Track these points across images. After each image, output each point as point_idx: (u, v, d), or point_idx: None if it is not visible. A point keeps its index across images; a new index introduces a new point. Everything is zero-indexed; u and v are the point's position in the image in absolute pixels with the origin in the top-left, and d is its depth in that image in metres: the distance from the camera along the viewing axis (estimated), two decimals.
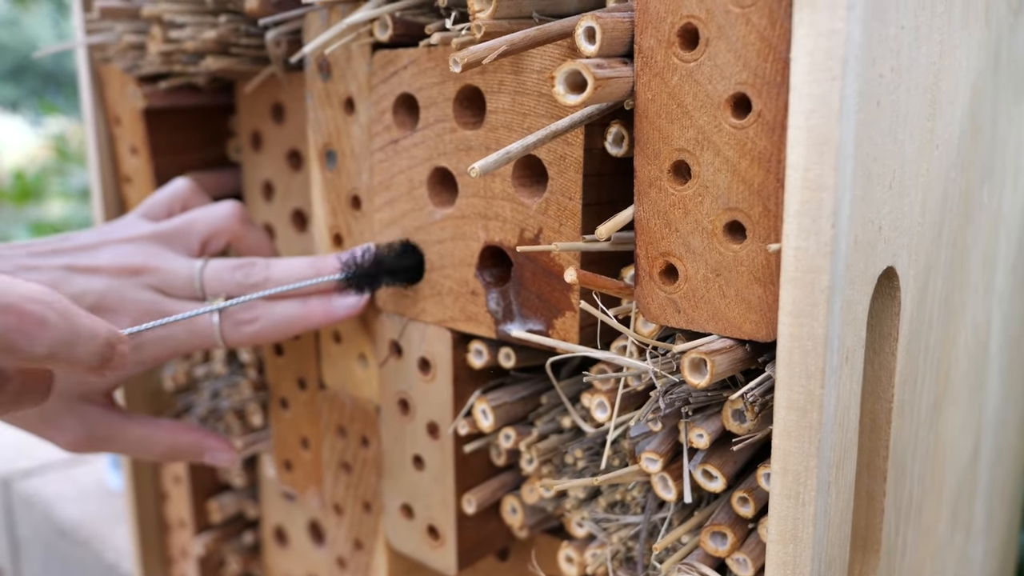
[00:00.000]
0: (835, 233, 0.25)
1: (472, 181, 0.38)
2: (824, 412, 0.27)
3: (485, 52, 0.30)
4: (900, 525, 0.36)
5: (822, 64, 0.25)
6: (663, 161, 0.30)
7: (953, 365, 0.41)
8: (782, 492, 0.28)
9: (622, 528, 0.38)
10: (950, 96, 0.34)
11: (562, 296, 0.35)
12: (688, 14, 0.28)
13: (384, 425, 0.45)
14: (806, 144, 0.25)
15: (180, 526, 0.65)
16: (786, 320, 0.27)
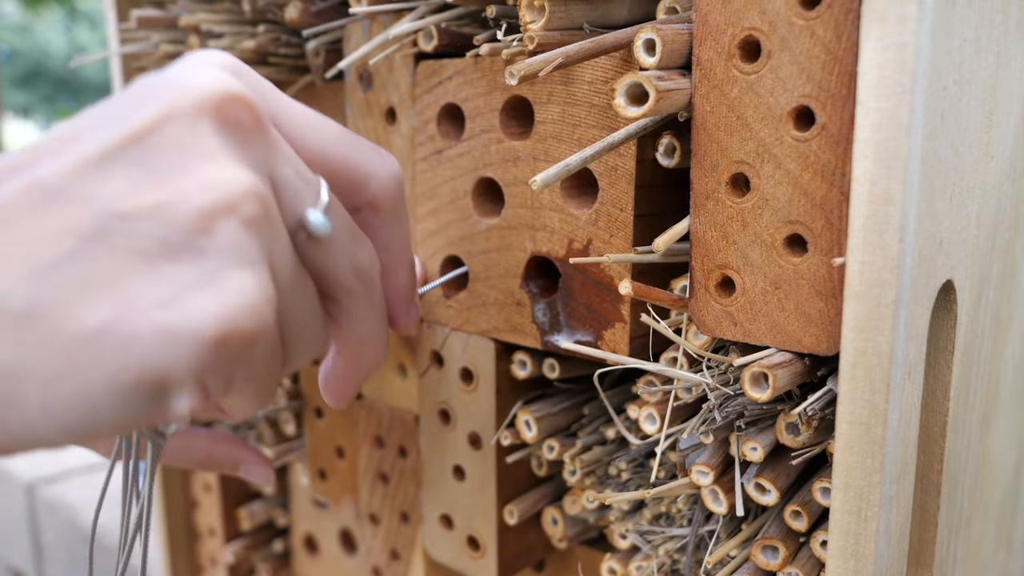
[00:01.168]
0: (902, 248, 0.25)
1: (519, 191, 0.38)
2: (888, 427, 0.27)
3: (541, 65, 0.30)
4: (951, 540, 0.36)
5: (891, 78, 0.24)
6: (721, 173, 0.30)
7: (1001, 378, 0.41)
8: (843, 507, 0.28)
9: (668, 540, 0.38)
10: (1005, 107, 0.34)
11: (612, 307, 0.35)
12: (749, 26, 0.28)
13: (424, 435, 0.45)
14: (873, 158, 0.25)
15: (210, 534, 0.65)
16: (850, 335, 0.27)
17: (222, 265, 0.22)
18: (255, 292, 0.23)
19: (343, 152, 0.29)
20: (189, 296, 0.22)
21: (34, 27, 10.07)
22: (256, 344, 0.23)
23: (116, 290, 0.21)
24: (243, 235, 0.23)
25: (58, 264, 0.20)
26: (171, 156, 0.23)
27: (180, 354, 0.21)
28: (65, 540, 0.91)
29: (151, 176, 0.22)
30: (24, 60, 10.55)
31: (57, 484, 0.96)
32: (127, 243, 0.21)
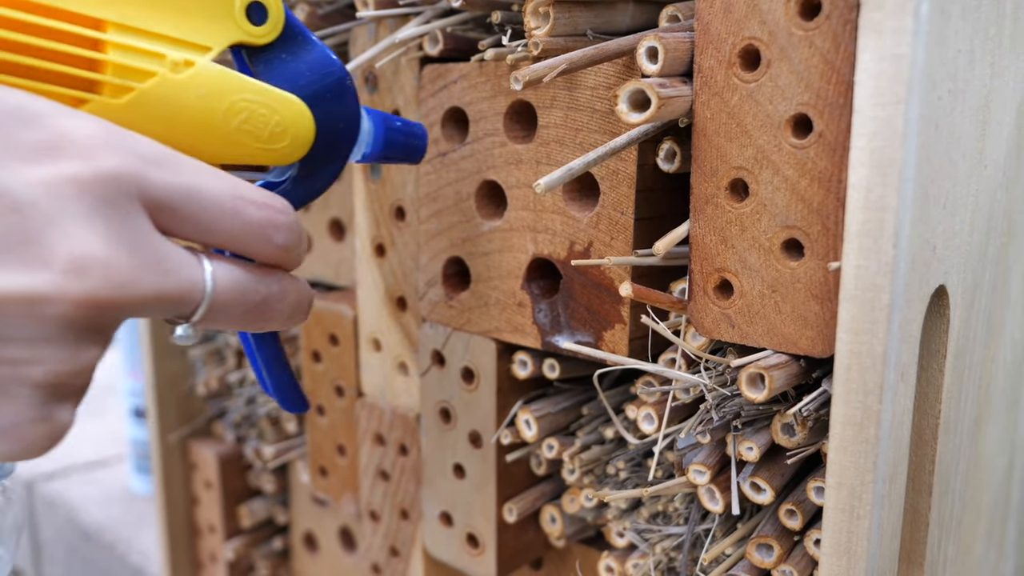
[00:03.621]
0: (896, 253, 0.26)
1: (522, 194, 0.38)
2: (881, 428, 0.27)
3: (545, 71, 0.31)
4: (942, 540, 0.37)
5: (887, 88, 0.25)
6: (720, 179, 0.30)
7: (992, 381, 0.42)
8: (837, 506, 0.29)
9: (664, 539, 0.39)
10: (998, 116, 0.35)
11: (612, 309, 0.36)
12: (750, 36, 0.29)
13: (425, 433, 0.46)
14: (869, 165, 0.26)
15: (210, 531, 0.65)
16: (845, 337, 0.27)
17: (29, 416, 0.23)
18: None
19: (226, 237, 0.26)
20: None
21: None
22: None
23: None
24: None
25: None
26: (17, 328, 0.21)
27: None
28: (64, 537, 0.91)
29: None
30: None
31: (56, 481, 0.97)
32: None
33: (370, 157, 0.35)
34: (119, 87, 0.26)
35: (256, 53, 0.30)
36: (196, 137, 0.28)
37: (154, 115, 0.27)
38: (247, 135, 0.29)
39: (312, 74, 0.31)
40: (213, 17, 0.28)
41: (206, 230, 0.25)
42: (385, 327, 0.47)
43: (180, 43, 0.27)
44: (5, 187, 0.21)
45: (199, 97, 0.27)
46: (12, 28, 0.24)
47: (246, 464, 0.64)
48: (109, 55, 0.26)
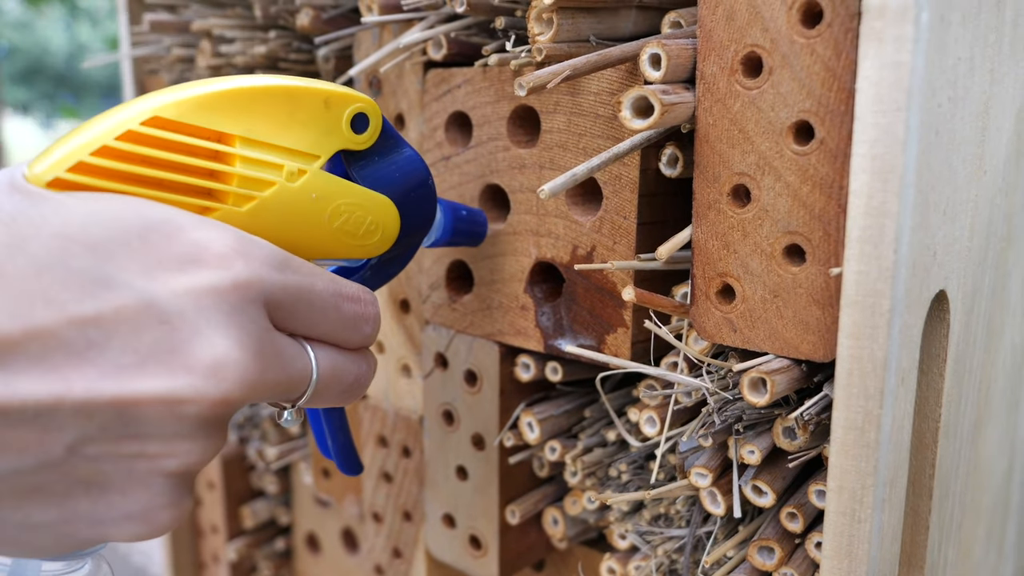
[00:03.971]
0: (896, 259, 0.26)
1: (525, 198, 0.39)
2: (881, 432, 0.28)
3: (549, 77, 0.31)
4: (942, 543, 0.37)
5: (888, 95, 0.25)
6: (723, 184, 0.31)
7: (992, 385, 0.42)
8: (838, 509, 0.29)
9: (666, 541, 0.39)
10: (998, 123, 0.35)
11: (614, 313, 0.36)
12: (752, 43, 0.29)
13: (428, 436, 0.46)
14: (870, 172, 0.26)
15: (212, 531, 0.66)
16: (846, 342, 0.27)
17: (163, 502, 0.25)
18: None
19: (326, 331, 0.29)
20: (126, 522, 0.25)
21: (35, 24, 10.08)
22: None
23: (61, 507, 0.23)
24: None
25: (15, 475, 0.22)
26: (158, 426, 0.23)
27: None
28: None
29: (129, 436, 0.23)
30: (24, 56, 10.55)
31: None
32: (86, 478, 0.23)
33: (438, 243, 0.38)
34: (243, 196, 0.28)
35: (353, 157, 0.32)
36: (304, 236, 0.30)
37: (271, 220, 0.29)
38: (346, 234, 0.31)
39: (400, 175, 0.33)
40: (324, 129, 0.30)
41: (311, 325, 0.28)
42: (388, 329, 0.48)
43: (295, 153, 0.29)
44: (153, 299, 0.23)
45: (310, 201, 0.30)
46: (154, 145, 0.26)
47: (249, 465, 0.65)
48: (236, 168, 0.28)
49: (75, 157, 0.25)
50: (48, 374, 0.21)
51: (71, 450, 0.22)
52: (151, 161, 0.26)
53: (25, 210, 0.23)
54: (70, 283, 0.22)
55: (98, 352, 0.22)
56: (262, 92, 0.28)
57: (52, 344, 0.21)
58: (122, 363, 0.22)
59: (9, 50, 10.21)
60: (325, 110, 0.30)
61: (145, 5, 0.59)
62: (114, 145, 0.25)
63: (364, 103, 0.31)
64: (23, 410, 0.21)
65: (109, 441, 0.23)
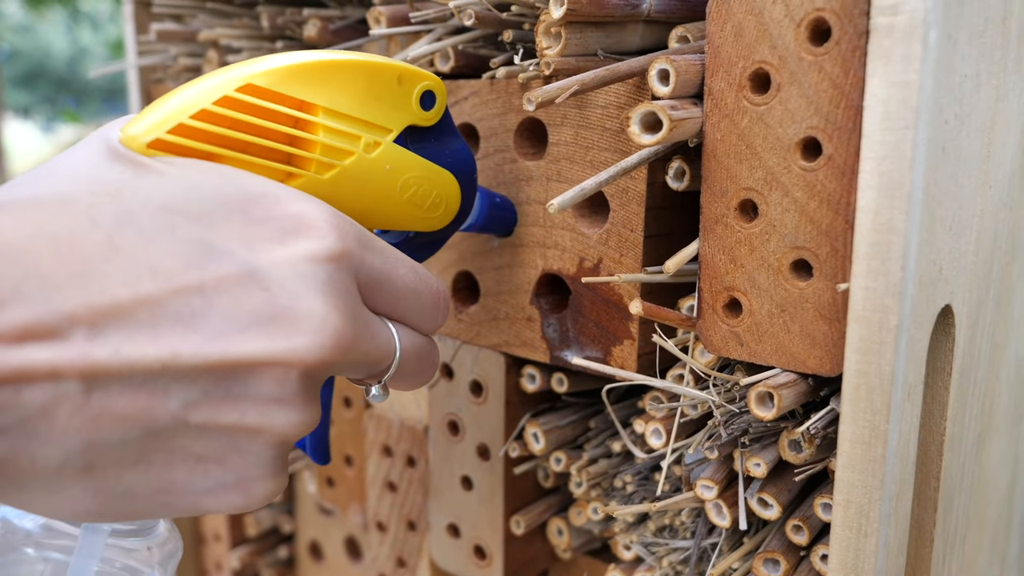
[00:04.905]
0: (904, 274, 0.26)
1: (532, 210, 0.39)
2: (888, 446, 0.28)
3: (558, 92, 0.32)
4: (947, 555, 0.37)
5: (895, 113, 0.26)
6: (730, 199, 0.31)
7: (996, 398, 0.42)
8: (844, 523, 0.29)
9: (671, 552, 0.39)
10: (1003, 138, 0.35)
11: (621, 325, 0.36)
12: (760, 59, 0.29)
13: (432, 446, 0.46)
14: (878, 189, 0.26)
15: (215, 539, 0.66)
16: (853, 357, 0.28)
17: (260, 474, 0.25)
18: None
19: (407, 312, 0.30)
20: (222, 491, 0.25)
21: (36, 27, 10.09)
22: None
23: (163, 476, 0.24)
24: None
25: (120, 445, 0.22)
26: (260, 390, 0.24)
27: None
28: None
29: (230, 401, 0.24)
30: (25, 60, 10.56)
31: None
32: (185, 447, 0.24)
33: (472, 227, 0.38)
34: (325, 164, 0.29)
35: (415, 134, 0.33)
36: (377, 205, 0.31)
37: (350, 188, 0.30)
38: (414, 205, 0.33)
39: (454, 159, 0.34)
40: (396, 103, 0.31)
41: (393, 306, 0.29)
42: None
43: (370, 126, 0.31)
44: (255, 268, 0.24)
45: (384, 172, 0.31)
46: (247, 111, 0.27)
47: None
48: (319, 136, 0.29)
49: (175, 119, 0.26)
50: (156, 340, 0.22)
51: (175, 418, 0.23)
52: (243, 126, 0.27)
53: (130, 180, 0.24)
54: (176, 254, 0.23)
55: (202, 319, 0.23)
56: (344, 66, 0.29)
57: (159, 312, 0.22)
58: (224, 329, 0.23)
59: (10, 53, 10.22)
60: (398, 86, 0.31)
61: (152, 14, 0.59)
62: (212, 109, 0.26)
63: (433, 81, 0.32)
64: (132, 374, 0.22)
65: (212, 407, 0.23)
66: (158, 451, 0.23)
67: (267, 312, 0.24)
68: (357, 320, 0.26)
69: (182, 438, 0.23)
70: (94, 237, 0.22)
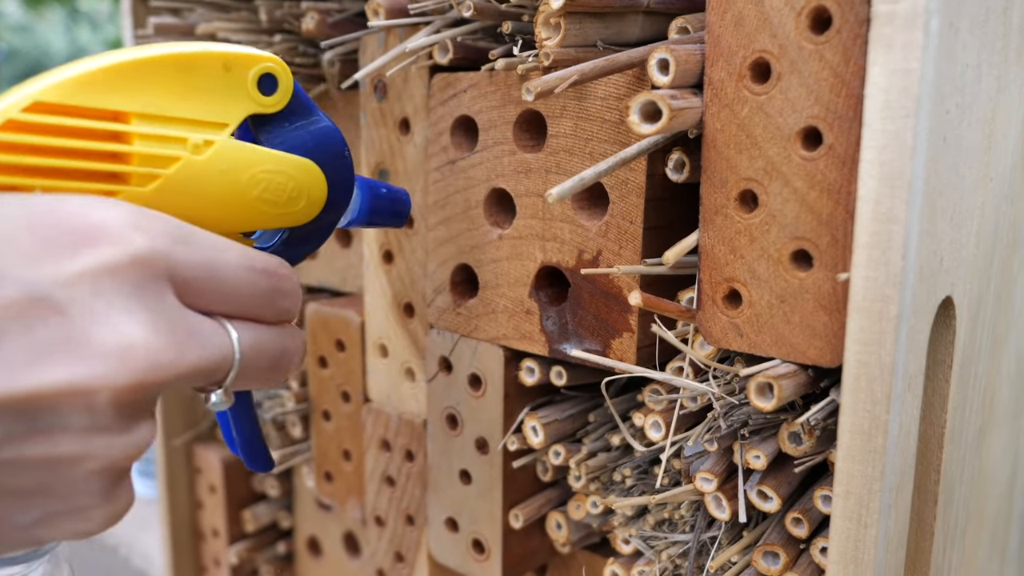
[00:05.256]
0: (904, 265, 0.26)
1: (531, 203, 0.39)
2: (888, 437, 0.28)
3: (557, 82, 0.31)
4: (947, 548, 0.37)
5: (896, 102, 0.25)
6: (730, 189, 0.31)
7: (997, 392, 0.42)
8: (844, 514, 0.29)
9: (671, 546, 0.39)
10: (1004, 129, 0.35)
11: (620, 317, 0.36)
12: (760, 48, 0.29)
13: (431, 440, 0.46)
14: (878, 178, 0.26)
15: (214, 535, 0.66)
16: (853, 347, 0.28)
17: (92, 502, 0.24)
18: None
19: (239, 306, 0.27)
20: (56, 521, 0.24)
21: (35, 27, 10.08)
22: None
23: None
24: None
25: None
26: (70, 420, 0.22)
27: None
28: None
29: (39, 435, 0.22)
30: (24, 60, 10.55)
31: None
32: (2, 484, 0.22)
33: (355, 222, 0.36)
34: (146, 175, 0.27)
35: (262, 123, 0.30)
36: (219, 211, 0.29)
37: (180, 197, 0.27)
38: (266, 203, 0.30)
39: (315, 143, 0.31)
40: (228, 94, 0.29)
41: (224, 301, 0.26)
42: (392, 333, 0.48)
43: (199, 124, 0.28)
44: (43, 289, 0.22)
45: (221, 173, 0.28)
46: (39, 132, 0.25)
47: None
48: (135, 146, 0.27)
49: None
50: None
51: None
52: (40, 149, 0.25)
53: None
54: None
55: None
56: (152, 63, 0.27)
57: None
58: (16, 361, 0.21)
59: (9, 53, 10.22)
60: (226, 74, 0.28)
61: (149, 8, 0.59)
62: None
63: (271, 62, 0.30)
64: None
65: (18, 443, 0.22)
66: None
67: (63, 337, 0.22)
68: (175, 331, 0.24)
69: (1, 476, 0.22)
70: None
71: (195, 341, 0.24)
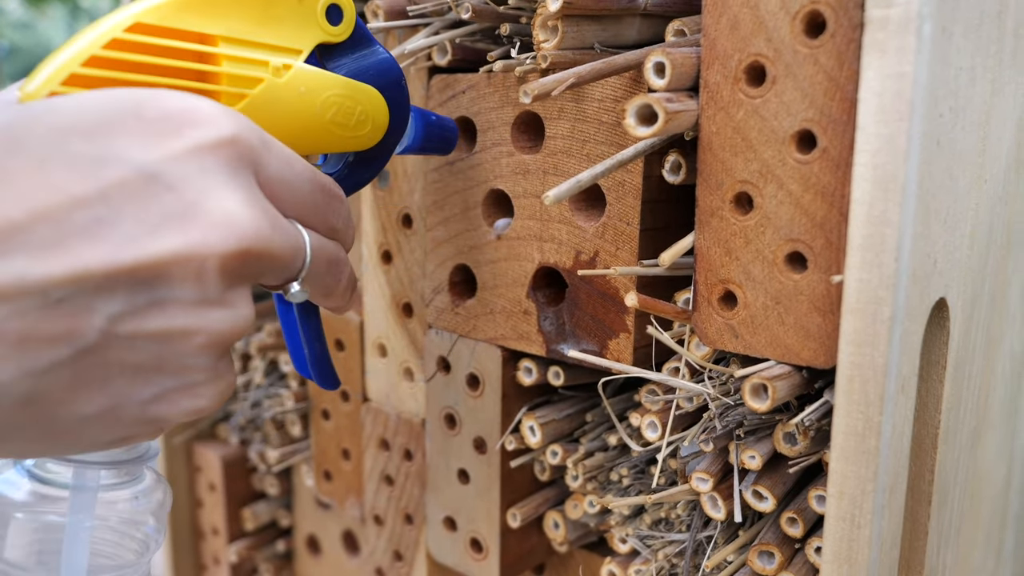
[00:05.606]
0: (898, 267, 0.26)
1: (528, 203, 0.39)
2: (882, 438, 0.28)
3: (554, 84, 0.32)
4: (941, 548, 0.37)
5: (890, 106, 0.26)
6: (725, 192, 0.31)
7: (991, 393, 0.42)
8: (838, 514, 0.29)
9: (667, 545, 0.39)
10: (998, 132, 0.35)
11: (617, 318, 0.37)
12: (755, 52, 0.29)
13: (429, 439, 0.46)
14: (872, 181, 0.26)
15: (213, 533, 0.66)
16: (847, 349, 0.28)
17: (203, 378, 0.26)
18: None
19: (303, 213, 0.29)
20: (171, 397, 0.26)
21: (36, 24, 10.08)
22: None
23: (105, 392, 0.24)
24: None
25: (54, 368, 0.22)
26: (182, 291, 0.24)
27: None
28: None
29: (155, 307, 0.23)
30: (25, 57, 10.55)
31: None
32: (121, 360, 0.24)
33: (409, 149, 0.38)
34: (234, 95, 0.29)
35: (328, 52, 0.32)
36: (297, 132, 0.31)
37: (263, 116, 0.29)
38: (338, 126, 0.32)
39: (376, 72, 0.33)
40: (300, 22, 0.31)
41: (291, 205, 0.28)
42: (391, 333, 0.48)
43: (277, 49, 0.30)
44: (155, 168, 0.23)
45: (299, 95, 0.30)
46: (139, 51, 0.27)
47: (250, 467, 0.65)
48: (223, 67, 0.28)
49: (67, 70, 0.25)
50: (61, 255, 0.22)
51: (103, 332, 0.23)
52: (140, 67, 0.27)
53: (18, 114, 0.23)
54: (71, 167, 0.22)
55: (109, 227, 0.22)
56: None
57: (62, 227, 0.22)
58: (134, 234, 0.23)
59: (10, 50, 10.22)
60: (298, 4, 0.31)
61: None
62: (102, 54, 0.26)
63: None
64: (45, 294, 0.21)
65: (137, 316, 0.23)
66: (93, 368, 0.23)
67: (175, 210, 0.23)
68: (266, 211, 0.26)
69: (115, 351, 0.23)
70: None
71: (280, 227, 0.26)
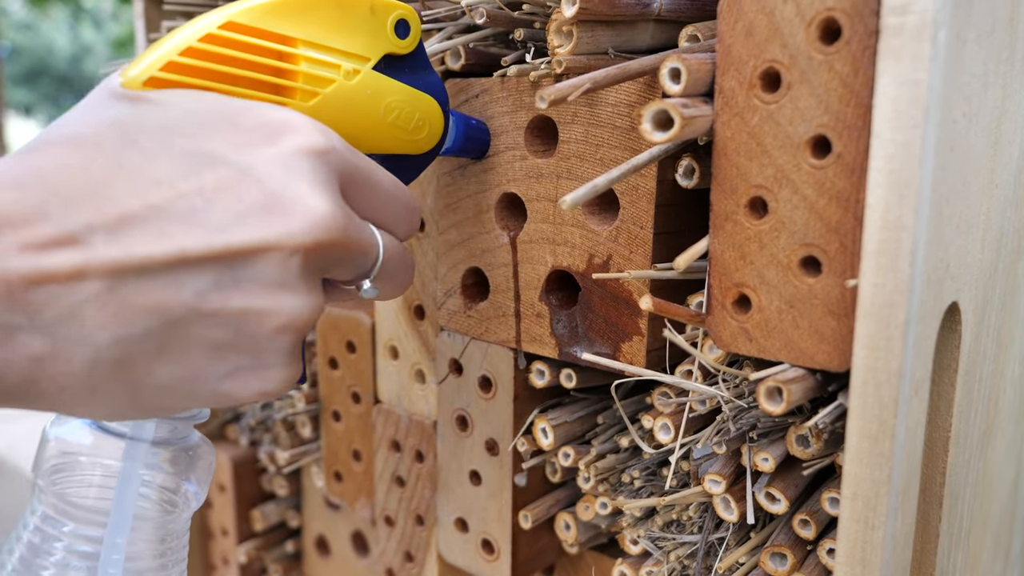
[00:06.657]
0: (912, 271, 0.27)
1: (542, 207, 0.39)
2: (896, 441, 0.28)
3: (570, 89, 0.32)
4: (952, 550, 0.37)
5: (905, 112, 0.26)
6: (740, 196, 0.31)
7: (1002, 396, 0.42)
8: (852, 516, 0.29)
9: (679, 547, 0.39)
10: (1009, 137, 0.35)
11: (630, 321, 0.37)
12: (770, 58, 0.29)
13: (441, 440, 0.46)
14: (887, 187, 0.27)
15: (223, 534, 0.66)
16: (861, 352, 0.28)
17: (275, 361, 0.28)
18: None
19: (384, 216, 0.32)
20: (242, 375, 0.28)
21: (39, 25, 10.09)
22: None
23: (185, 363, 0.27)
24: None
25: (145, 337, 0.25)
26: (264, 274, 0.26)
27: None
28: None
29: (238, 286, 0.26)
30: (28, 57, 10.56)
31: None
32: (202, 335, 0.26)
33: (450, 151, 0.40)
34: (308, 92, 0.32)
35: (392, 62, 0.35)
36: (363, 131, 0.34)
37: (334, 114, 0.32)
38: (398, 128, 0.35)
39: (435, 81, 0.37)
40: (371, 33, 0.34)
41: (373, 208, 0.31)
42: (403, 335, 0.48)
43: (349, 55, 0.33)
44: (247, 167, 0.27)
45: (366, 97, 0.33)
46: (229, 46, 0.30)
47: (260, 468, 0.65)
48: (301, 67, 0.31)
49: (166, 58, 0.29)
50: (165, 238, 0.25)
51: (190, 307, 0.26)
52: (229, 60, 0.30)
53: (130, 112, 0.27)
54: (175, 166, 0.26)
55: (204, 216, 0.26)
56: (318, 0, 0.32)
57: (165, 215, 0.25)
58: (225, 222, 0.26)
59: (13, 51, 10.22)
60: (371, 16, 0.34)
61: (163, 11, 0.59)
62: (198, 46, 0.29)
63: (406, 11, 0.34)
64: (147, 270, 0.25)
65: (221, 294, 0.26)
66: (178, 340, 0.26)
67: (262, 202, 0.26)
68: (346, 211, 0.28)
69: (198, 326, 0.26)
70: (102, 162, 0.25)
71: (357, 225, 0.29)
